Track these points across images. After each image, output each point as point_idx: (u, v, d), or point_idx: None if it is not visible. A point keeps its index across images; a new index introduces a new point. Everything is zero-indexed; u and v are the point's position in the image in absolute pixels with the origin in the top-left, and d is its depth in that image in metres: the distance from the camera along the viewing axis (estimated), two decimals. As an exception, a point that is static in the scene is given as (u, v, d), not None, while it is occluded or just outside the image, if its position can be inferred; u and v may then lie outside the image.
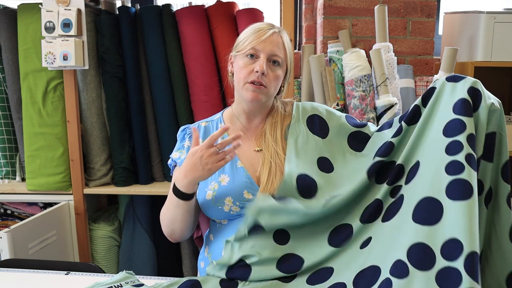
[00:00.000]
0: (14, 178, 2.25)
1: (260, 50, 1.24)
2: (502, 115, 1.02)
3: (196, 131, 1.21)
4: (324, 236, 1.15)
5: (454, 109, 1.00)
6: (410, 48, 2.25)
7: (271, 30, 1.26)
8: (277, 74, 1.27)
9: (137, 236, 2.24)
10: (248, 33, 1.28)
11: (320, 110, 1.34)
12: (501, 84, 2.45)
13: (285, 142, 1.29)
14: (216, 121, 1.38)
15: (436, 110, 1.05)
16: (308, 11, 2.44)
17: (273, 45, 1.25)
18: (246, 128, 1.34)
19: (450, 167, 0.94)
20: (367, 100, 1.93)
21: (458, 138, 0.95)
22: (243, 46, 1.26)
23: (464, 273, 0.84)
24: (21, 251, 1.79)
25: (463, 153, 0.93)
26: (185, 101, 2.16)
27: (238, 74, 1.28)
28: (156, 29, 2.10)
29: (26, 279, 1.31)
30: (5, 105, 2.21)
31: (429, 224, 0.92)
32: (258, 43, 1.24)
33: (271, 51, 1.25)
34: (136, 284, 1.18)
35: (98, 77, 2.14)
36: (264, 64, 1.23)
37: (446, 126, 0.99)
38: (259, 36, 1.24)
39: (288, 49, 1.30)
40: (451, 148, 0.96)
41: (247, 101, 1.27)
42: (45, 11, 1.94)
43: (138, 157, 2.18)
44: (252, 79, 1.24)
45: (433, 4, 2.21)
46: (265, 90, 1.25)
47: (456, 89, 1.02)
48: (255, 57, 1.25)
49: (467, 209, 0.88)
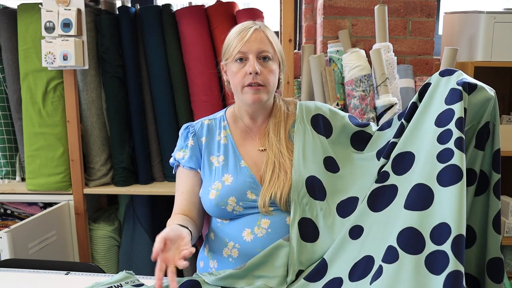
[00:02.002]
0: (14, 178, 2.25)
1: (246, 51, 1.23)
2: (496, 104, 1.03)
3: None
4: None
5: (445, 100, 1.01)
6: (410, 48, 2.25)
7: (252, 28, 1.25)
8: (271, 68, 1.26)
9: (137, 236, 2.24)
10: (231, 37, 1.27)
11: (324, 110, 1.34)
12: (501, 84, 2.44)
13: (289, 142, 1.29)
14: (219, 119, 1.38)
15: (430, 104, 1.06)
16: (308, 11, 2.44)
17: (258, 42, 1.24)
18: (249, 128, 1.34)
19: (440, 156, 0.95)
20: (367, 100, 1.93)
21: (448, 126, 0.97)
22: (230, 53, 1.26)
23: (451, 255, 0.84)
24: (21, 251, 1.79)
25: (453, 139, 0.95)
26: (185, 101, 2.16)
27: (233, 80, 1.27)
28: (156, 29, 2.10)
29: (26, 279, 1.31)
30: (5, 105, 2.21)
31: (419, 209, 0.93)
32: (242, 45, 1.23)
33: (258, 49, 1.24)
34: (136, 284, 1.18)
35: (98, 77, 2.14)
36: (255, 64, 1.22)
37: (438, 117, 1.01)
38: (242, 37, 1.23)
39: (274, 41, 1.28)
40: (443, 137, 0.97)
41: (249, 104, 1.27)
42: (45, 11, 1.94)
43: (138, 157, 2.18)
44: (248, 82, 1.23)
45: (433, 4, 2.21)
46: (265, 89, 1.25)
47: (449, 82, 1.03)
48: (244, 60, 1.24)
49: (457, 192, 0.89)
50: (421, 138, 1.04)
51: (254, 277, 1.15)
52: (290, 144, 1.29)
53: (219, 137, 1.34)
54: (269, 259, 1.16)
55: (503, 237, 2.15)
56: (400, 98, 2.01)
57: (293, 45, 2.00)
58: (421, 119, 1.07)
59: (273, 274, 1.15)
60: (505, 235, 2.15)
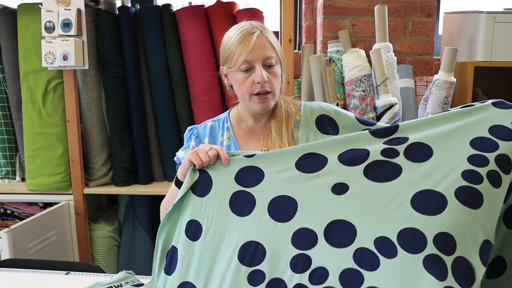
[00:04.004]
0: (14, 178, 2.25)
1: (252, 60, 1.22)
2: None
3: None
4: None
5: (490, 130, 0.99)
6: (410, 48, 2.25)
7: (254, 34, 1.23)
8: (276, 73, 1.26)
9: (137, 236, 2.24)
10: (232, 44, 1.24)
11: (328, 110, 1.33)
12: (501, 84, 2.44)
13: (292, 141, 1.29)
14: (223, 120, 1.38)
15: (468, 121, 1.03)
16: (308, 11, 2.44)
17: (262, 49, 1.22)
18: (252, 129, 1.35)
19: (466, 174, 0.94)
20: (367, 100, 1.93)
21: (486, 155, 0.95)
22: (234, 62, 1.23)
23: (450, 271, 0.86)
24: (21, 251, 1.79)
25: (487, 168, 0.94)
26: (185, 101, 2.16)
27: (240, 89, 1.27)
28: (156, 29, 2.10)
29: (26, 279, 1.31)
30: (5, 105, 2.21)
31: (428, 214, 0.92)
32: (247, 54, 1.21)
33: (263, 56, 1.23)
34: (136, 284, 1.18)
35: (98, 77, 2.14)
36: (262, 73, 1.22)
37: (476, 139, 0.99)
38: (245, 46, 1.21)
39: (276, 44, 1.28)
40: (475, 159, 0.96)
41: (257, 111, 1.28)
42: (45, 11, 1.94)
43: (138, 157, 2.18)
44: (257, 91, 1.23)
45: (433, 4, 2.21)
46: (272, 95, 1.26)
47: (498, 115, 1.01)
48: (250, 69, 1.23)
49: (471, 216, 0.89)
50: (447, 143, 1.01)
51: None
52: (294, 143, 1.29)
53: (222, 138, 1.35)
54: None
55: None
56: (400, 98, 2.01)
57: (293, 45, 2.00)
58: (449, 126, 1.04)
59: None
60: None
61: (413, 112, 2.05)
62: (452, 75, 1.88)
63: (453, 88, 1.88)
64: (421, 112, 1.97)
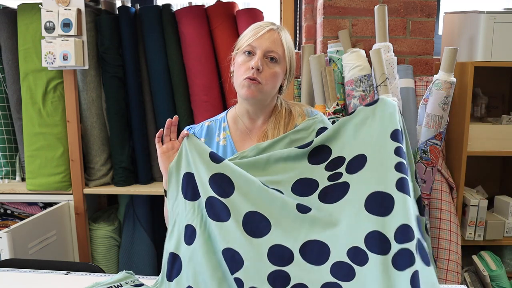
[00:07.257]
0: (14, 178, 2.25)
1: (256, 46, 1.25)
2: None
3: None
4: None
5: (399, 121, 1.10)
6: (410, 48, 2.25)
7: (269, 27, 1.27)
8: (274, 71, 1.26)
9: (137, 236, 2.24)
10: (247, 31, 1.29)
11: (327, 123, 1.32)
12: (501, 84, 2.44)
13: None
14: (220, 120, 1.39)
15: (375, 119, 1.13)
16: (308, 11, 2.44)
17: (270, 41, 1.25)
18: (249, 129, 1.34)
19: (398, 166, 1.04)
20: (367, 100, 1.93)
21: (402, 144, 1.07)
22: (241, 44, 1.28)
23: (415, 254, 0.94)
24: (21, 251, 1.79)
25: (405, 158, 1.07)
26: (185, 101, 2.16)
27: (236, 71, 1.28)
28: (156, 29, 2.10)
29: (26, 279, 1.31)
30: (5, 105, 2.21)
31: (382, 215, 1.00)
32: (254, 39, 1.25)
33: (267, 48, 1.24)
34: (136, 284, 1.18)
35: (98, 77, 2.14)
36: (259, 61, 1.23)
37: (394, 133, 1.08)
38: (256, 33, 1.26)
39: (287, 46, 1.29)
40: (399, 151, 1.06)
41: (244, 99, 1.27)
42: (45, 11, 1.94)
43: (138, 157, 2.18)
44: (248, 75, 1.23)
45: (433, 4, 2.21)
46: (260, 87, 1.24)
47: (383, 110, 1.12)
48: (252, 54, 1.25)
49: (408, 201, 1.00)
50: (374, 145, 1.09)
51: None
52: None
53: (218, 138, 1.35)
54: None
55: (503, 237, 2.15)
56: (400, 98, 2.01)
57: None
58: (367, 126, 1.13)
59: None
60: (505, 235, 2.15)
61: (413, 112, 2.05)
62: (452, 75, 1.88)
63: (453, 88, 1.88)
64: (421, 112, 1.97)
